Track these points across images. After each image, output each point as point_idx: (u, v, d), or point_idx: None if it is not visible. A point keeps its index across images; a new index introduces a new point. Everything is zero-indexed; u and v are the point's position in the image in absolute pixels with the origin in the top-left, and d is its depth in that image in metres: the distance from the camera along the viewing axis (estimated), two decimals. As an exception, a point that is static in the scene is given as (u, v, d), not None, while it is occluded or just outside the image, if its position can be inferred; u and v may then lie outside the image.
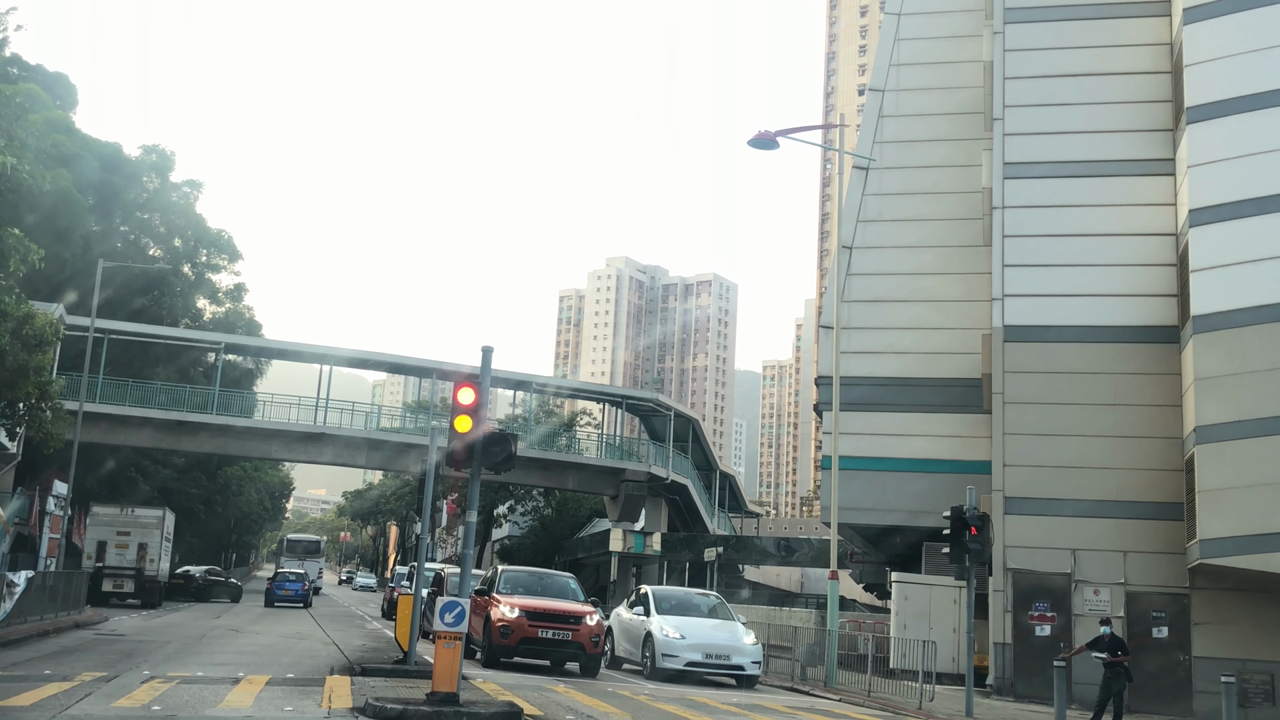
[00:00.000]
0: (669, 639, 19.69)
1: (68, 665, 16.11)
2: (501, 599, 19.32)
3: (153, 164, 47.91)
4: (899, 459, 27.69)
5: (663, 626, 19.94)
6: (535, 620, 18.78)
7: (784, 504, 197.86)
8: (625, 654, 21.65)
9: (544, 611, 19.03)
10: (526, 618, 18.75)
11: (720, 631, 20.45)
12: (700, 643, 19.73)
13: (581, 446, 56.78)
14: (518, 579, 20.97)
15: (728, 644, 19.92)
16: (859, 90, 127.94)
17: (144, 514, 40.05)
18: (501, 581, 20.40)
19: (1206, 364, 22.05)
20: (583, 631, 18.99)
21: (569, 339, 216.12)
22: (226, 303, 55.87)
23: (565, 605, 19.55)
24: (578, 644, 18.97)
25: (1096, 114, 25.84)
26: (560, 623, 18.94)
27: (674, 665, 19.51)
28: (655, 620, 20.20)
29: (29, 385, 22.06)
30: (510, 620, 18.76)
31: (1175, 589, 22.86)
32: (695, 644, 19.66)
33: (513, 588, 20.25)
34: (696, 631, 20.04)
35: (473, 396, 13.04)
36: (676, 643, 19.63)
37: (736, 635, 20.30)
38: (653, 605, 20.78)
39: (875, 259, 28.97)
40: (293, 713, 11.74)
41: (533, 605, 19.12)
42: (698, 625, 20.37)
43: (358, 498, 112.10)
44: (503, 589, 20.04)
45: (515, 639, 18.65)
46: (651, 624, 20.18)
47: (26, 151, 20.27)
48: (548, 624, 18.84)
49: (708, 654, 19.68)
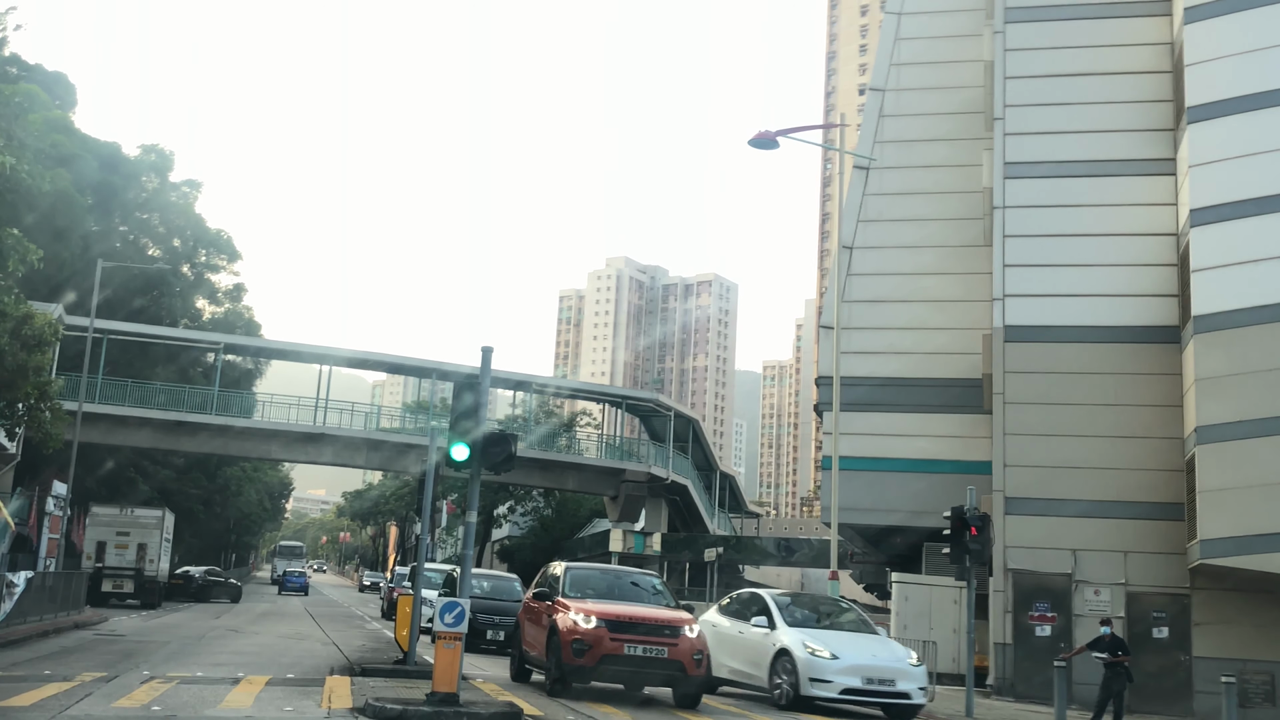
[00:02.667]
0: (817, 659, 15.63)
1: (67, 665, 16.09)
2: (570, 604, 15.25)
3: (152, 164, 47.90)
4: (899, 459, 27.67)
5: (806, 643, 15.88)
6: (620, 632, 14.60)
7: (784, 504, 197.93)
8: (731, 674, 17.46)
9: (630, 620, 14.83)
10: (608, 629, 14.56)
11: (878, 649, 16.56)
12: (858, 664, 15.73)
13: (581, 447, 56.80)
14: (587, 578, 16.75)
15: (891, 665, 15.95)
16: (859, 90, 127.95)
17: (143, 514, 40.05)
18: (568, 582, 16.23)
19: (1207, 364, 22.04)
20: (682, 647, 14.74)
21: (569, 339, 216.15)
22: (226, 303, 55.86)
23: (654, 612, 15.43)
24: (675, 663, 14.69)
25: (1097, 113, 25.83)
26: (652, 635, 14.74)
27: (825, 693, 15.49)
28: (790, 634, 16.25)
29: (28, 385, 22.03)
30: (587, 632, 14.55)
31: (1175, 589, 22.84)
32: (852, 666, 15.65)
33: (582, 590, 16.12)
34: (851, 650, 16.06)
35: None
36: (828, 664, 15.59)
37: (897, 654, 16.47)
38: (777, 614, 16.96)
39: (875, 259, 28.95)
40: (292, 713, 11.72)
41: (614, 612, 14.96)
42: (850, 641, 16.43)
43: (357, 498, 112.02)
44: (570, 592, 15.92)
45: (594, 657, 14.45)
46: (786, 639, 16.16)
47: (26, 151, 20.26)
48: (636, 637, 14.64)
49: (869, 678, 15.61)
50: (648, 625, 14.90)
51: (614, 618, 14.79)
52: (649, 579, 17.50)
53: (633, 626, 14.77)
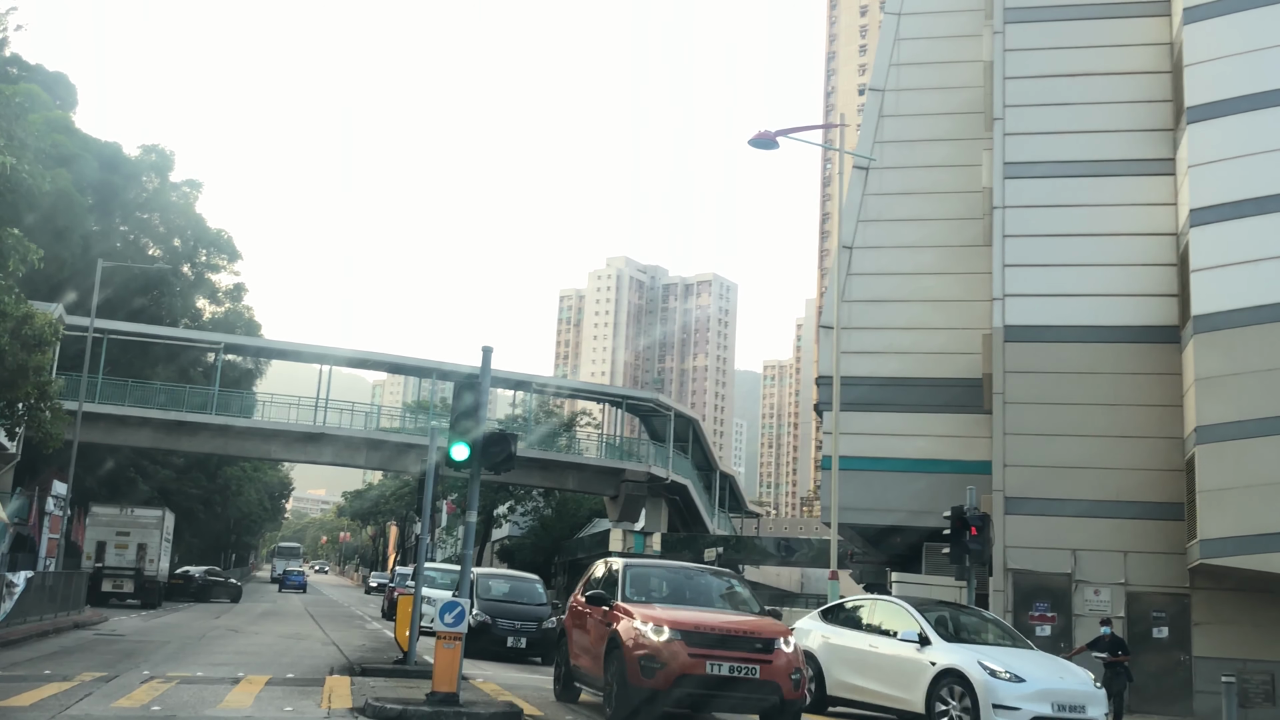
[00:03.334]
0: (1000, 683, 13.45)
1: (67, 665, 16.10)
2: (635, 610, 12.53)
3: (152, 164, 47.94)
4: (899, 459, 27.66)
5: (985, 663, 13.73)
6: (700, 647, 11.84)
7: (784, 504, 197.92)
8: (857, 694, 15.22)
9: (712, 631, 12.07)
10: (684, 642, 11.81)
11: (1059, 669, 14.43)
12: (1047, 688, 13.65)
13: (581, 446, 56.81)
14: (652, 577, 14.08)
15: (1079, 689, 13.91)
16: (859, 90, 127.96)
17: (143, 514, 40.09)
18: (628, 582, 13.44)
19: (1207, 364, 22.04)
20: (778, 664, 12.04)
21: (569, 339, 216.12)
22: (226, 303, 55.92)
23: (740, 620, 12.70)
24: (769, 685, 11.95)
25: (1097, 114, 25.83)
26: (741, 650, 11.97)
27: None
28: (958, 652, 14.10)
29: (28, 385, 22.03)
30: (659, 647, 11.80)
31: (1175, 589, 22.85)
32: (1041, 691, 13.57)
33: (646, 591, 13.47)
34: (1033, 671, 13.89)
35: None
36: (1013, 689, 13.46)
37: (1079, 675, 14.43)
38: (927, 627, 14.69)
39: (875, 259, 28.95)
40: (292, 713, 11.73)
41: (691, 621, 12.19)
42: (1024, 660, 14.26)
43: (357, 498, 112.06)
44: (632, 594, 13.21)
45: (668, 677, 11.67)
46: (952, 658, 13.97)
47: (26, 151, 20.25)
48: (720, 653, 11.87)
49: (1059, 704, 13.61)
50: (735, 637, 12.10)
51: (692, 628, 12.00)
52: (725, 579, 14.68)
53: (716, 639, 11.97)
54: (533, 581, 25.68)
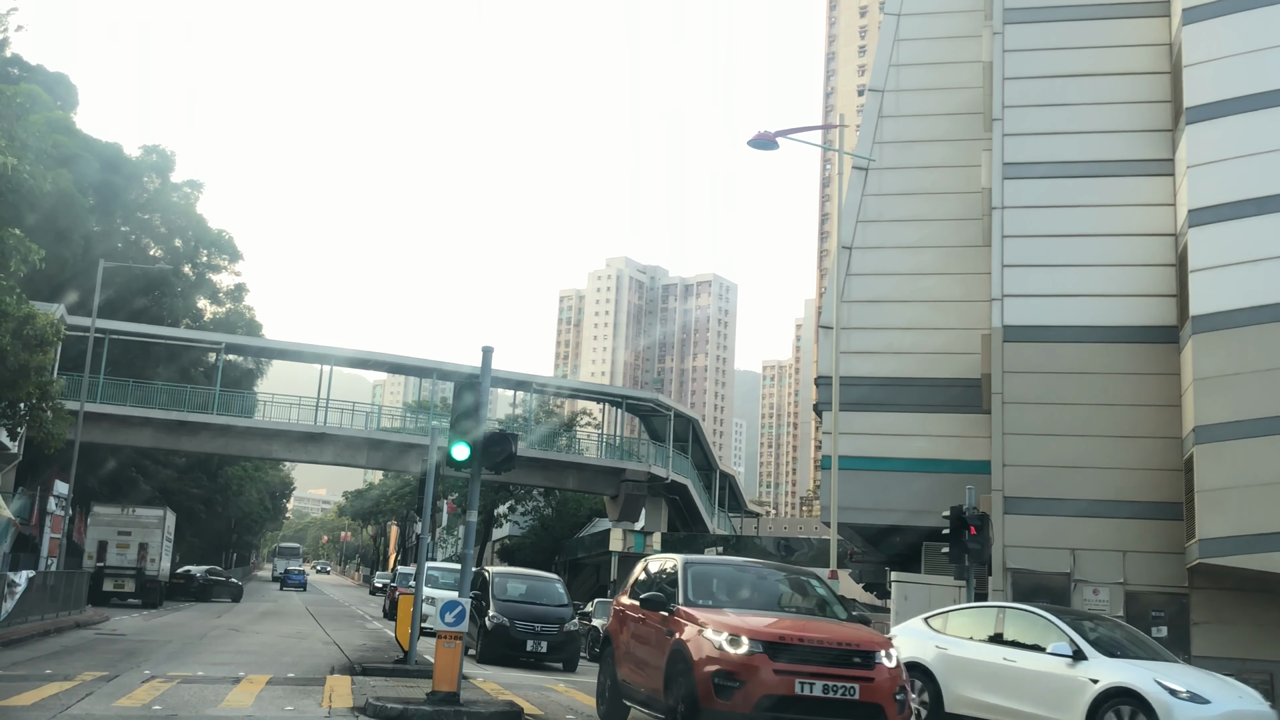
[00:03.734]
0: (1185, 706, 11.66)
1: (68, 665, 16.14)
2: (702, 616, 10.61)
3: (153, 164, 47.99)
4: (899, 459, 27.69)
5: (1163, 681, 11.91)
6: (787, 661, 9.89)
7: (784, 504, 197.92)
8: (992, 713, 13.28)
9: (801, 643, 10.12)
10: (767, 655, 9.91)
11: (1239, 690, 12.75)
12: (1232, 710, 11.99)
13: (581, 446, 56.83)
14: (717, 577, 11.99)
15: (1262, 712, 12.41)
16: (859, 90, 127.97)
17: (145, 514, 40.13)
18: (690, 582, 11.42)
19: (1206, 364, 22.07)
20: (880, 682, 10.08)
21: (569, 339, 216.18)
22: (227, 303, 55.97)
23: (830, 628, 10.76)
24: (872, 708, 10.01)
25: (1096, 114, 25.86)
26: (836, 666, 10.03)
27: None
28: (1127, 670, 12.32)
29: (30, 385, 22.08)
30: (737, 661, 9.87)
31: (1175, 589, 22.88)
32: (1228, 714, 11.90)
33: (711, 594, 11.46)
34: (1218, 693, 12.16)
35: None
36: (1198, 712, 11.68)
37: (1253, 695, 12.87)
38: (1082, 640, 12.90)
39: (875, 259, 28.99)
40: (293, 712, 11.78)
41: (775, 631, 10.28)
42: (1202, 679, 12.48)
43: (358, 498, 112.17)
44: (696, 597, 11.24)
45: (749, 698, 9.77)
46: (1122, 676, 12.15)
47: (27, 152, 20.30)
48: (812, 669, 9.90)
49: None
50: (827, 650, 10.13)
51: (777, 639, 10.06)
52: (806, 578, 12.48)
53: (806, 653, 10.02)
54: (552, 581, 24.04)
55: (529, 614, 21.26)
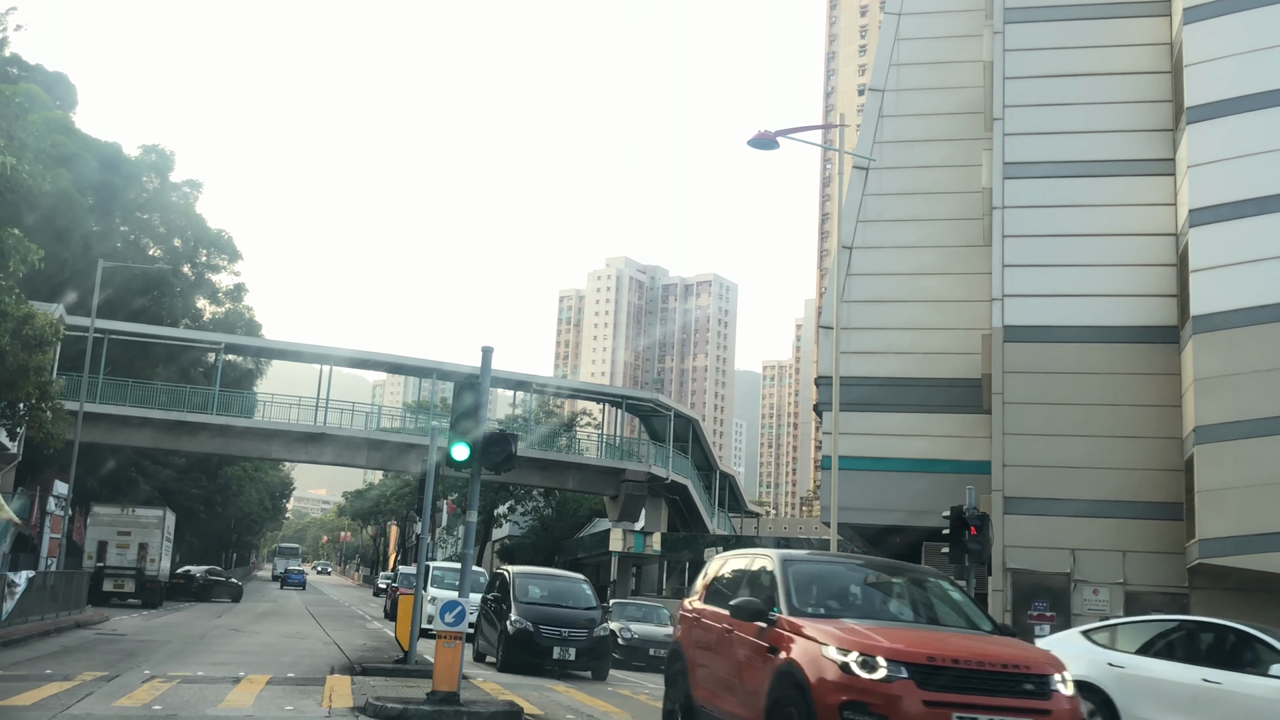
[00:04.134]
0: None
1: (68, 665, 16.13)
2: (815, 627, 8.49)
3: (152, 164, 47.96)
4: (899, 459, 27.71)
5: None
6: (942, 690, 7.77)
7: (784, 504, 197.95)
8: None
9: (957, 665, 7.92)
10: (915, 680, 7.78)
11: None
12: None
13: (581, 446, 56.81)
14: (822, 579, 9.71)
15: None
16: (859, 90, 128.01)
17: (144, 514, 40.11)
18: (793, 585, 9.20)
19: (1206, 364, 22.07)
20: (1059, 716, 7.99)
21: (569, 339, 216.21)
22: (226, 303, 55.92)
23: (989, 647, 8.40)
24: None
25: (1096, 114, 25.87)
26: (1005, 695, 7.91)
27: None
28: None
29: (29, 385, 22.05)
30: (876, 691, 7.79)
31: (1175, 589, 22.87)
32: None
33: (819, 600, 9.27)
34: None
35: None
36: None
37: None
38: None
39: (875, 259, 28.99)
40: (293, 712, 11.76)
41: (923, 648, 8.05)
42: None
43: (358, 498, 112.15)
44: (801, 602, 9.05)
45: None
46: None
47: (26, 151, 20.26)
48: (975, 700, 7.79)
49: None
50: (990, 674, 7.89)
51: (924, 660, 7.79)
52: (933, 579, 10.08)
53: (963, 676, 7.81)
54: (579, 581, 21.76)
55: (554, 618, 19.22)
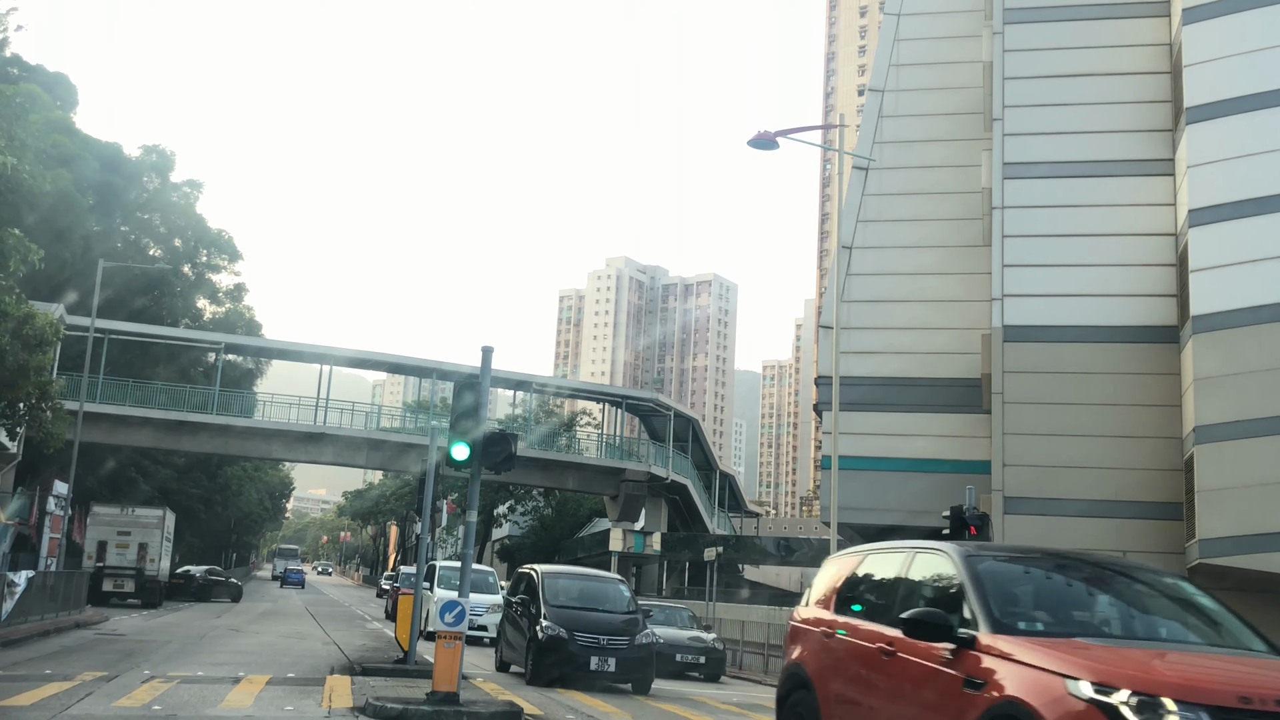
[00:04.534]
0: None
1: (68, 665, 16.12)
2: (1038, 650, 5.73)
3: (153, 164, 47.96)
4: (899, 459, 27.70)
5: None
6: None
7: (784, 504, 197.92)
8: None
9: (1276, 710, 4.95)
10: None
11: None
12: None
13: (581, 446, 56.82)
14: (1026, 581, 6.92)
15: None
16: (859, 90, 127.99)
17: (144, 514, 40.11)
18: (988, 591, 6.40)
19: (1206, 364, 22.07)
20: None
21: (569, 339, 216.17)
22: (226, 303, 55.92)
23: (1247, 674, 5.50)
24: None
25: (1096, 114, 25.87)
26: None
27: None
28: None
29: (29, 385, 22.05)
30: None
31: (1175, 589, 22.85)
32: None
33: (1028, 611, 6.49)
34: None
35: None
36: None
37: None
38: None
39: (875, 259, 28.99)
40: (293, 712, 11.76)
41: (1217, 684, 5.16)
42: None
43: (358, 498, 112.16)
44: (1006, 615, 6.21)
45: None
46: None
47: (27, 152, 20.26)
48: None
49: None
50: None
51: (1234, 701, 5.05)
52: (1171, 580, 7.32)
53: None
54: (615, 582, 19.29)
55: (591, 623, 16.91)
